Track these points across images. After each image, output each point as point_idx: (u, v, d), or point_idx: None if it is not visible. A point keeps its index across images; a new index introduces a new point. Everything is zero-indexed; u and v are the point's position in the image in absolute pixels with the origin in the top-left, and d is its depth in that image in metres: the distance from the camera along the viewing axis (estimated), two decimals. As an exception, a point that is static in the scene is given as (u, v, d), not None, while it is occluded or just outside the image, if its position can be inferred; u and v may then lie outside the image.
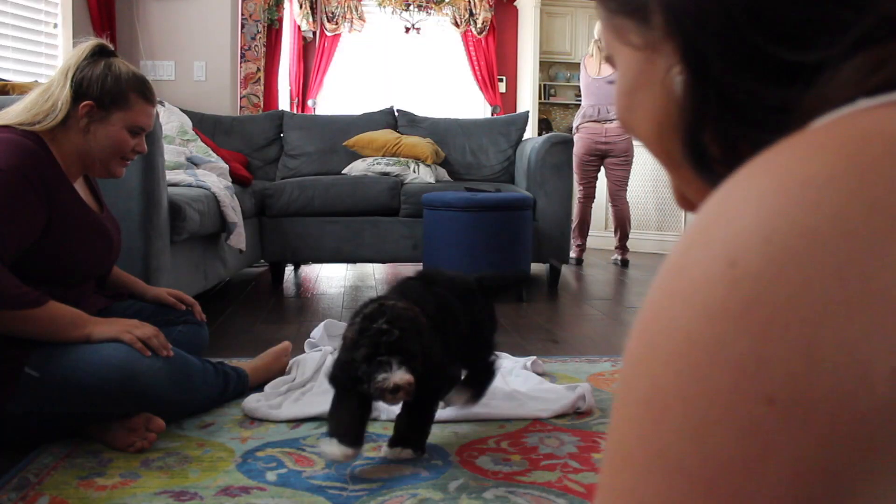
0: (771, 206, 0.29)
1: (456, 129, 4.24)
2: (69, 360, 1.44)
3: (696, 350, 0.29)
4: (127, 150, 1.63)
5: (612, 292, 3.64)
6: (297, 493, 1.27)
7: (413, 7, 6.92)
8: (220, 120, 4.18)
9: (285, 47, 6.25)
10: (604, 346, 2.42)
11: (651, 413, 0.30)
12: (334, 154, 4.08)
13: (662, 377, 0.30)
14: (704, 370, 0.29)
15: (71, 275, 1.59)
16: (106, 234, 1.67)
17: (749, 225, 0.29)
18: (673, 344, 0.30)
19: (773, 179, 0.30)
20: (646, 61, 0.42)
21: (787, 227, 0.28)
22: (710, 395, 0.29)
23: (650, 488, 0.30)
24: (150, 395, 1.48)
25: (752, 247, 0.29)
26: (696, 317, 0.30)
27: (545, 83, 7.34)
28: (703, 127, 0.39)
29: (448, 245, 3.11)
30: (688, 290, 0.31)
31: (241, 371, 1.82)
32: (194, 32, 4.54)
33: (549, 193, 3.58)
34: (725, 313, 0.29)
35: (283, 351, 1.99)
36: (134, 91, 1.61)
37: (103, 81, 1.57)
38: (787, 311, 0.28)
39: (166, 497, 1.25)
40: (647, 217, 5.29)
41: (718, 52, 0.37)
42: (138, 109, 1.62)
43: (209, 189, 2.77)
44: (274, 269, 3.80)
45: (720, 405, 0.28)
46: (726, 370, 0.28)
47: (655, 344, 0.31)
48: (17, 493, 1.25)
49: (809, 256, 0.28)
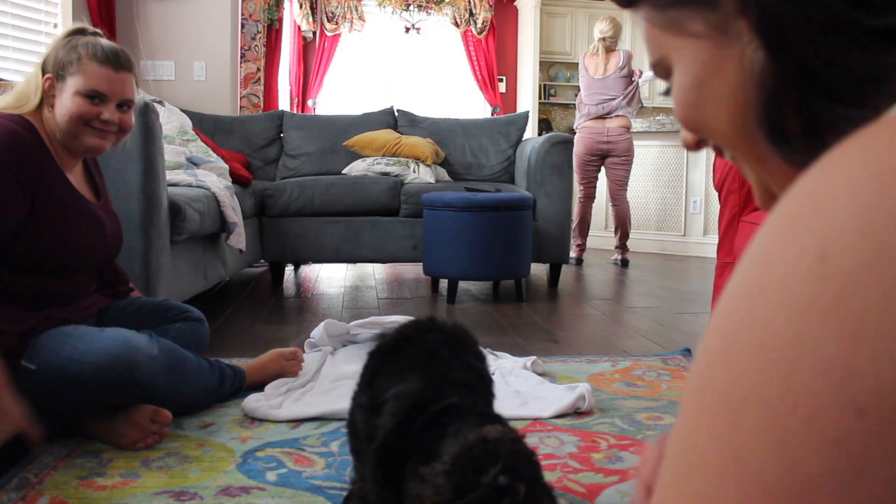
0: (867, 196, 0.27)
1: (456, 129, 4.24)
2: (66, 351, 1.43)
3: (779, 347, 0.27)
4: (89, 117, 1.55)
5: (612, 292, 3.64)
6: (297, 493, 1.27)
7: (413, 7, 6.92)
8: (220, 120, 4.18)
9: (285, 47, 6.25)
10: (604, 346, 2.42)
11: (728, 413, 0.28)
12: (334, 154, 4.08)
13: (741, 374, 0.28)
14: (787, 370, 0.26)
15: (60, 264, 1.56)
16: (97, 223, 1.63)
17: (843, 216, 0.27)
18: (755, 339, 0.28)
19: (869, 167, 0.27)
20: (714, 47, 0.40)
21: (885, 221, 0.26)
22: (793, 400, 0.26)
23: (725, 497, 0.27)
24: (147, 385, 1.47)
25: (846, 240, 0.26)
26: (781, 312, 0.27)
27: (545, 83, 7.34)
28: (783, 103, 0.37)
29: (448, 245, 3.11)
30: (773, 283, 0.28)
31: (238, 369, 1.81)
32: (194, 32, 4.53)
33: (549, 193, 3.58)
34: (813, 310, 0.26)
35: (284, 354, 1.92)
36: (87, 56, 1.55)
37: (58, 53, 1.56)
38: (881, 312, 0.25)
39: (166, 497, 1.25)
40: (647, 217, 5.29)
41: (798, 20, 0.35)
42: (90, 72, 1.55)
43: (209, 189, 2.77)
44: (274, 269, 3.80)
45: (804, 413, 0.26)
46: (811, 374, 0.26)
47: (736, 338, 0.29)
48: (17, 493, 1.25)
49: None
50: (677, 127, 4.94)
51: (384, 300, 3.28)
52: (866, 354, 0.25)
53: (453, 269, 3.12)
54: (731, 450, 0.27)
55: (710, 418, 0.28)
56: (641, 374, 2.04)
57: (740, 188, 2.17)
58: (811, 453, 0.25)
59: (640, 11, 0.45)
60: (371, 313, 2.83)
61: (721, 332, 0.30)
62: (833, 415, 0.25)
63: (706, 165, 4.93)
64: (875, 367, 0.25)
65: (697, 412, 0.30)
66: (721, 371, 0.29)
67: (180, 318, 1.84)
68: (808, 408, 0.25)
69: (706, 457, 0.28)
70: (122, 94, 1.60)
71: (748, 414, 0.27)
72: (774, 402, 0.26)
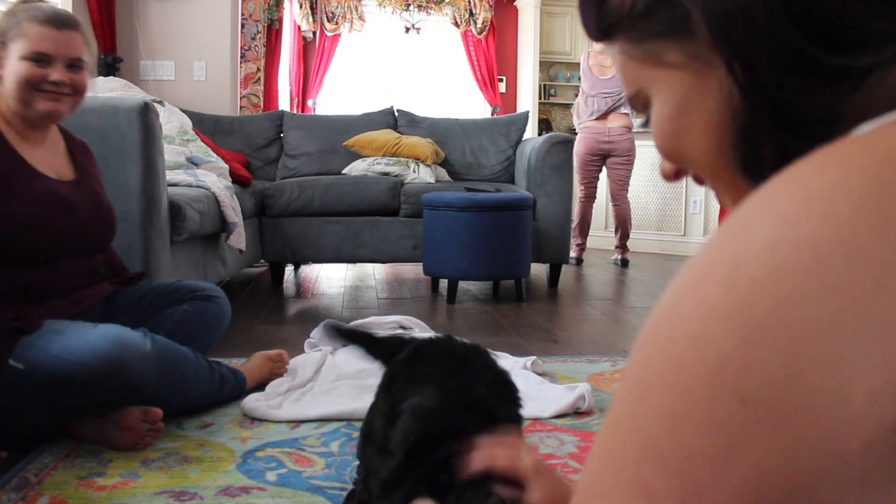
0: (783, 214, 0.29)
1: (456, 129, 4.24)
2: (55, 350, 1.38)
3: (684, 340, 0.30)
4: (37, 80, 1.51)
5: (612, 292, 3.64)
6: (297, 493, 1.27)
7: (413, 7, 6.92)
8: (220, 120, 4.18)
9: (285, 47, 6.25)
10: (604, 346, 2.42)
11: (637, 390, 0.32)
12: (334, 154, 4.08)
13: (652, 359, 0.32)
14: (687, 360, 0.30)
15: (26, 250, 1.49)
16: (64, 202, 1.56)
17: (760, 231, 0.30)
18: (667, 332, 0.32)
19: (792, 189, 0.30)
20: (694, 76, 0.41)
21: (793, 238, 0.29)
22: (687, 385, 0.30)
23: (628, 457, 0.31)
24: (138, 385, 1.43)
25: (757, 252, 0.29)
26: (693, 310, 0.31)
27: (545, 83, 7.34)
28: (758, 135, 0.39)
29: (448, 245, 3.11)
30: (692, 285, 0.32)
31: (240, 374, 1.77)
32: (194, 32, 4.54)
33: (549, 193, 3.58)
34: (719, 312, 0.29)
35: (270, 357, 1.89)
36: (26, 19, 1.51)
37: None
38: (778, 320, 0.28)
39: (166, 497, 1.25)
40: (647, 217, 5.29)
41: (766, 59, 0.37)
42: (32, 35, 1.50)
43: (209, 189, 2.77)
44: (274, 269, 3.80)
45: (694, 396, 0.29)
46: (706, 364, 0.29)
47: (656, 329, 0.33)
48: (17, 493, 1.25)
49: (809, 270, 0.28)
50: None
51: (384, 300, 3.28)
52: (759, 354, 0.28)
53: (453, 269, 3.12)
54: (637, 421, 0.31)
55: (627, 392, 0.33)
56: (641, 374, 2.04)
57: (740, 188, 2.17)
58: (696, 431, 0.29)
59: (615, 45, 0.45)
60: (371, 313, 2.83)
61: (651, 320, 0.34)
62: (720, 401, 0.29)
63: (706, 165, 4.93)
64: (765, 366, 0.28)
65: (622, 385, 0.34)
66: (640, 355, 0.33)
67: (188, 298, 1.78)
68: (698, 393, 0.29)
69: (619, 421, 0.33)
70: (68, 53, 1.54)
71: (651, 394, 0.31)
72: (672, 386, 0.30)
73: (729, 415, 0.28)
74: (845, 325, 0.27)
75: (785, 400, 0.27)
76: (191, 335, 1.72)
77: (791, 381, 0.27)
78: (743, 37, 0.37)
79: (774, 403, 0.27)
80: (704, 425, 0.29)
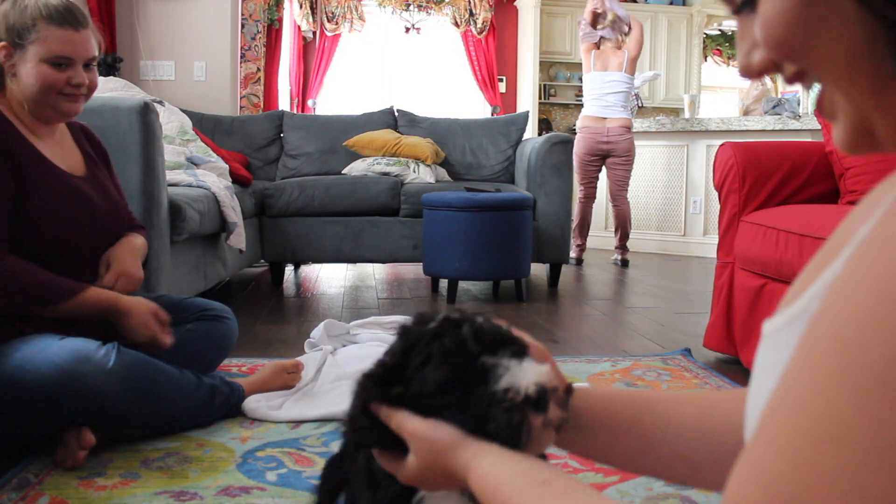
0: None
1: (456, 129, 4.24)
2: (16, 359, 1.33)
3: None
4: (59, 85, 1.48)
5: (612, 292, 3.64)
6: (297, 493, 1.27)
7: (413, 7, 6.93)
8: (220, 120, 4.18)
9: (285, 47, 6.25)
10: (604, 346, 2.42)
11: (888, 391, 0.24)
12: (334, 154, 4.08)
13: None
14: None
15: (55, 246, 1.47)
16: (83, 198, 1.54)
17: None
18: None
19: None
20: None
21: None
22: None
23: (876, 481, 0.23)
24: (98, 400, 1.35)
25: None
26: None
27: (545, 83, 7.35)
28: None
29: (448, 245, 3.12)
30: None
31: (236, 386, 1.67)
32: (194, 32, 4.54)
33: (549, 193, 3.58)
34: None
35: (285, 367, 1.82)
36: (42, 19, 1.46)
37: (8, 18, 1.46)
38: None
39: (166, 497, 1.25)
40: (647, 217, 5.29)
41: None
42: (50, 37, 1.46)
43: (209, 189, 2.77)
44: (274, 269, 3.80)
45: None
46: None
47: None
48: (17, 493, 1.25)
49: None
50: (677, 127, 4.90)
51: (384, 300, 3.28)
52: None
53: (453, 269, 3.12)
54: (890, 433, 0.23)
55: (860, 389, 0.24)
56: (641, 374, 2.04)
57: (740, 188, 2.17)
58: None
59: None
60: (371, 313, 2.83)
61: (879, 293, 0.25)
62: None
63: (706, 165, 4.93)
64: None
65: (839, 376, 0.25)
66: (878, 341, 0.24)
67: (195, 317, 1.74)
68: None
69: (852, 431, 0.24)
70: (86, 54, 1.52)
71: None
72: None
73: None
74: None
75: None
76: (195, 353, 1.67)
77: None
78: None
79: None
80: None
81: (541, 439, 0.62)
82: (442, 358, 0.66)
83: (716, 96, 8.04)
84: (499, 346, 0.66)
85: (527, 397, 0.61)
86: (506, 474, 0.55)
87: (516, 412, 0.61)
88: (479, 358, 0.65)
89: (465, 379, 0.65)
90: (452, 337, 0.67)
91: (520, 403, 0.61)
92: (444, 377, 0.65)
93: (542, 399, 0.61)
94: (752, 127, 4.62)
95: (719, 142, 3.50)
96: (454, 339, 0.66)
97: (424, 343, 0.68)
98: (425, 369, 0.66)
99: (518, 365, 0.63)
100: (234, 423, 1.62)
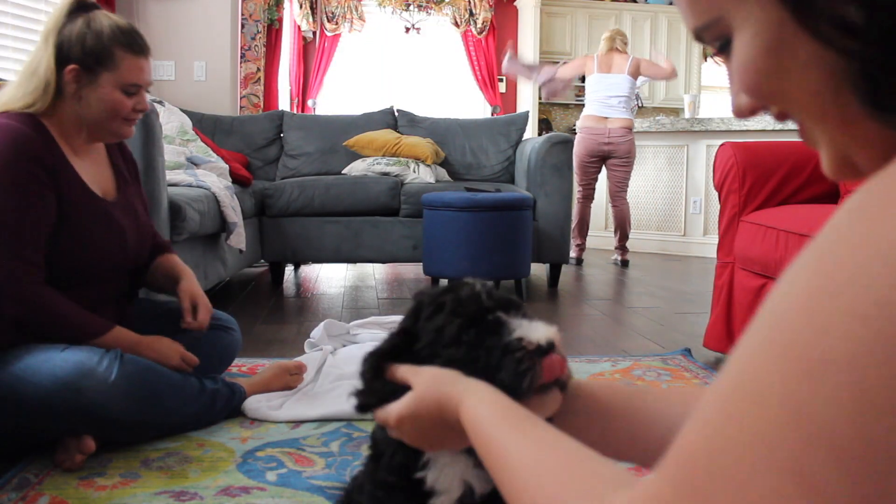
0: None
1: (456, 129, 4.24)
2: (18, 369, 1.33)
3: (885, 322, 0.25)
4: (125, 111, 1.49)
5: (612, 292, 3.64)
6: (297, 493, 1.27)
7: (413, 7, 6.92)
8: (220, 120, 4.18)
9: (285, 47, 6.25)
10: (604, 346, 2.42)
11: (802, 366, 0.26)
12: (334, 154, 4.08)
13: (833, 332, 0.26)
14: (889, 345, 0.24)
15: (77, 270, 1.47)
16: (115, 226, 1.53)
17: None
18: (857, 302, 0.25)
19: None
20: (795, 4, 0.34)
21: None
22: (890, 375, 0.24)
23: (784, 440, 0.26)
24: (100, 413, 1.34)
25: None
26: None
27: (545, 83, 7.34)
28: (886, 67, 0.32)
29: (448, 245, 3.11)
30: (886, 248, 0.25)
31: (238, 388, 1.67)
32: (194, 32, 4.54)
33: (549, 193, 3.58)
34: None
35: (288, 368, 1.82)
36: (119, 46, 1.46)
37: (83, 41, 1.43)
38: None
39: (166, 497, 1.25)
40: (647, 217, 5.29)
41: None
42: (126, 66, 1.47)
43: (209, 189, 2.77)
44: (274, 269, 3.80)
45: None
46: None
47: (835, 293, 0.26)
48: (17, 493, 1.25)
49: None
50: (677, 127, 4.90)
51: (384, 300, 3.28)
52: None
53: (453, 269, 3.12)
54: (798, 398, 0.26)
55: (783, 362, 0.27)
56: (641, 373, 2.04)
57: (740, 188, 2.17)
58: (892, 430, 0.24)
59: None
60: (371, 313, 2.83)
61: (815, 278, 0.27)
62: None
63: (706, 165, 4.93)
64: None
65: (768, 350, 0.28)
66: (807, 319, 0.27)
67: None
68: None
69: (768, 395, 0.27)
70: (150, 81, 1.55)
71: (830, 373, 0.25)
72: (864, 371, 0.24)
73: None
74: None
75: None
76: (199, 362, 1.65)
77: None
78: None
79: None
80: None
81: (548, 398, 0.65)
82: (455, 307, 0.69)
83: (716, 96, 8.03)
84: (510, 307, 0.70)
85: (538, 347, 0.65)
86: (502, 403, 0.59)
87: (527, 360, 0.64)
88: (494, 312, 0.69)
89: (479, 330, 0.68)
90: (466, 291, 0.71)
91: (531, 352, 0.64)
92: (458, 326, 0.68)
93: (552, 351, 0.65)
94: (752, 127, 4.62)
95: (719, 142, 3.50)
96: (469, 293, 0.71)
97: (436, 297, 0.72)
98: (436, 317, 0.70)
99: (529, 323, 0.67)
100: (234, 423, 1.62)
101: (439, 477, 0.71)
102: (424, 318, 0.72)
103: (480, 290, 0.71)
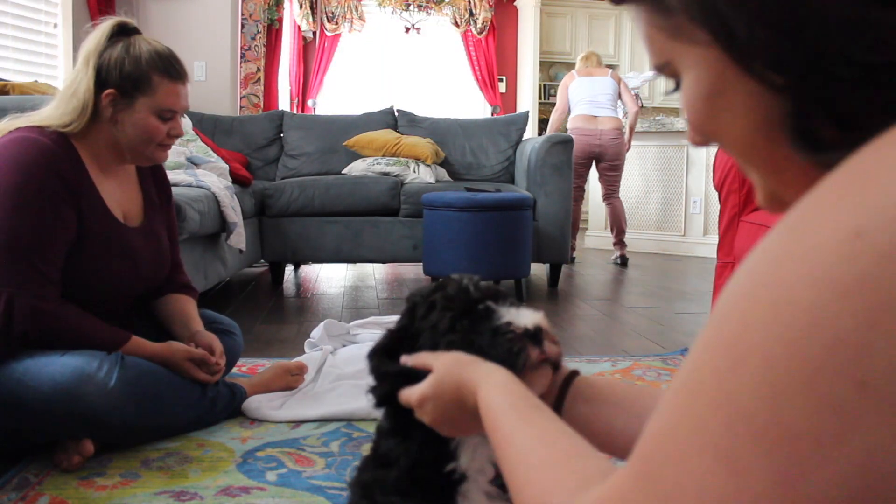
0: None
1: (456, 129, 4.24)
2: (19, 373, 1.32)
3: (795, 313, 0.28)
4: (161, 137, 1.49)
5: (612, 292, 3.64)
6: (297, 493, 1.27)
7: (413, 7, 6.92)
8: (220, 120, 4.18)
9: (285, 47, 6.25)
10: (603, 346, 2.42)
11: (730, 357, 0.30)
12: (334, 154, 4.08)
13: (753, 327, 0.29)
14: (798, 336, 0.27)
15: (87, 296, 1.46)
16: (130, 255, 1.52)
17: (882, 198, 0.27)
18: (773, 299, 0.29)
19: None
20: (725, 57, 0.37)
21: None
22: (797, 363, 0.27)
23: (713, 425, 0.30)
24: (100, 418, 1.34)
25: (883, 221, 0.26)
26: (804, 279, 0.28)
27: (545, 83, 7.34)
28: (811, 113, 0.35)
29: (448, 245, 3.11)
30: (804, 250, 0.29)
31: (238, 388, 1.67)
32: (194, 32, 4.54)
33: (548, 193, 3.58)
34: (837, 285, 0.27)
35: (289, 369, 1.81)
36: (156, 72, 1.46)
37: (122, 66, 1.44)
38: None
39: (166, 497, 1.25)
40: (647, 217, 5.29)
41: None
42: (164, 91, 1.47)
43: (209, 189, 2.77)
44: (274, 269, 3.80)
45: (805, 376, 0.27)
46: (820, 342, 0.27)
47: (755, 293, 0.30)
48: (17, 493, 1.25)
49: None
50: (677, 127, 4.90)
51: (384, 300, 3.28)
52: (882, 335, 0.26)
53: (453, 269, 3.09)
54: (727, 386, 0.30)
55: (715, 355, 0.31)
56: (641, 373, 2.04)
57: (740, 188, 2.17)
58: (801, 412, 0.27)
59: (641, 13, 0.43)
60: (371, 313, 2.83)
61: (744, 283, 0.31)
62: (833, 383, 0.26)
63: (706, 165, 4.93)
64: (889, 349, 0.26)
65: (706, 346, 0.32)
66: (735, 317, 0.30)
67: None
68: (810, 373, 0.27)
69: (704, 383, 0.31)
70: (186, 107, 1.55)
71: (749, 364, 0.29)
72: (778, 361, 0.28)
73: (843, 398, 0.26)
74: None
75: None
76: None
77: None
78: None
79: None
80: (813, 406, 0.27)
81: (538, 375, 0.71)
82: (447, 302, 0.76)
83: (716, 96, 8.04)
84: (498, 297, 0.77)
85: (526, 330, 0.71)
86: (516, 391, 0.62)
87: (517, 341, 0.70)
88: (483, 302, 0.75)
89: (471, 319, 0.74)
90: (454, 286, 0.78)
91: (520, 335, 0.70)
92: (451, 318, 0.74)
93: (539, 335, 0.71)
94: (752, 127, 4.62)
95: (719, 142, 3.49)
96: (456, 288, 0.77)
97: (427, 296, 0.79)
98: (431, 315, 0.76)
99: (517, 311, 0.73)
100: (234, 423, 1.62)
101: (472, 459, 0.74)
102: (420, 317, 0.78)
103: (468, 284, 0.78)
